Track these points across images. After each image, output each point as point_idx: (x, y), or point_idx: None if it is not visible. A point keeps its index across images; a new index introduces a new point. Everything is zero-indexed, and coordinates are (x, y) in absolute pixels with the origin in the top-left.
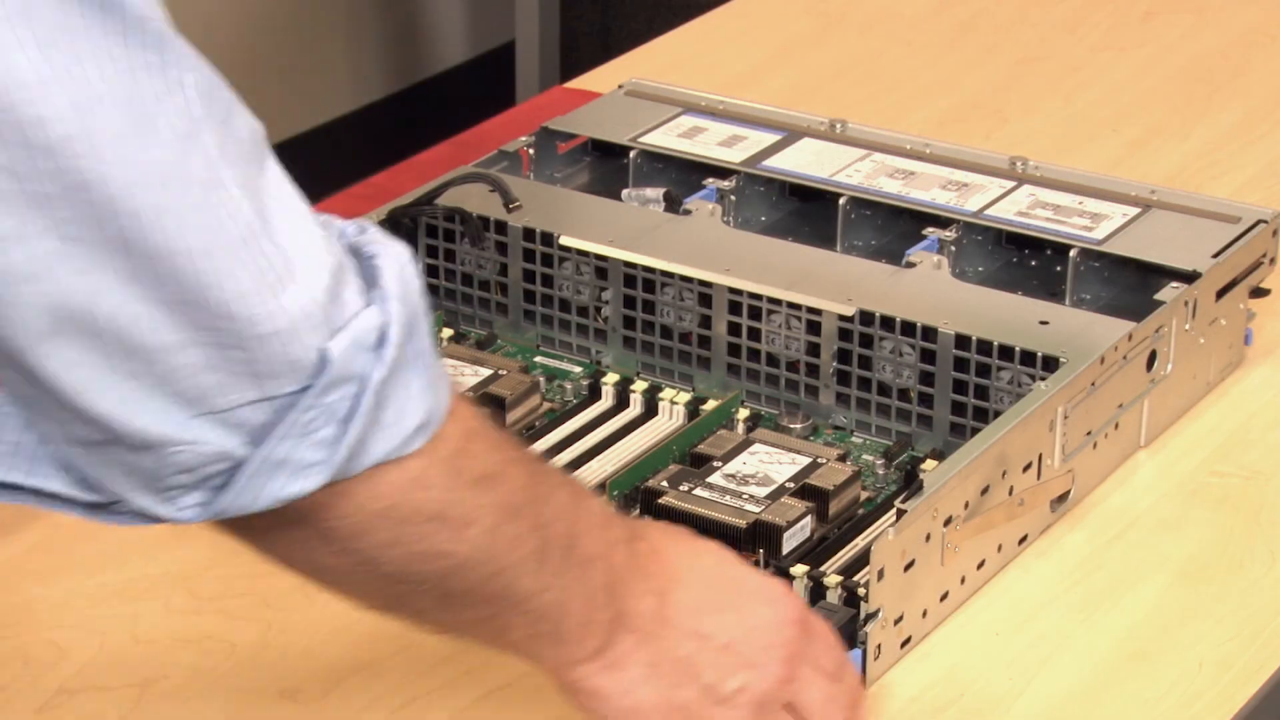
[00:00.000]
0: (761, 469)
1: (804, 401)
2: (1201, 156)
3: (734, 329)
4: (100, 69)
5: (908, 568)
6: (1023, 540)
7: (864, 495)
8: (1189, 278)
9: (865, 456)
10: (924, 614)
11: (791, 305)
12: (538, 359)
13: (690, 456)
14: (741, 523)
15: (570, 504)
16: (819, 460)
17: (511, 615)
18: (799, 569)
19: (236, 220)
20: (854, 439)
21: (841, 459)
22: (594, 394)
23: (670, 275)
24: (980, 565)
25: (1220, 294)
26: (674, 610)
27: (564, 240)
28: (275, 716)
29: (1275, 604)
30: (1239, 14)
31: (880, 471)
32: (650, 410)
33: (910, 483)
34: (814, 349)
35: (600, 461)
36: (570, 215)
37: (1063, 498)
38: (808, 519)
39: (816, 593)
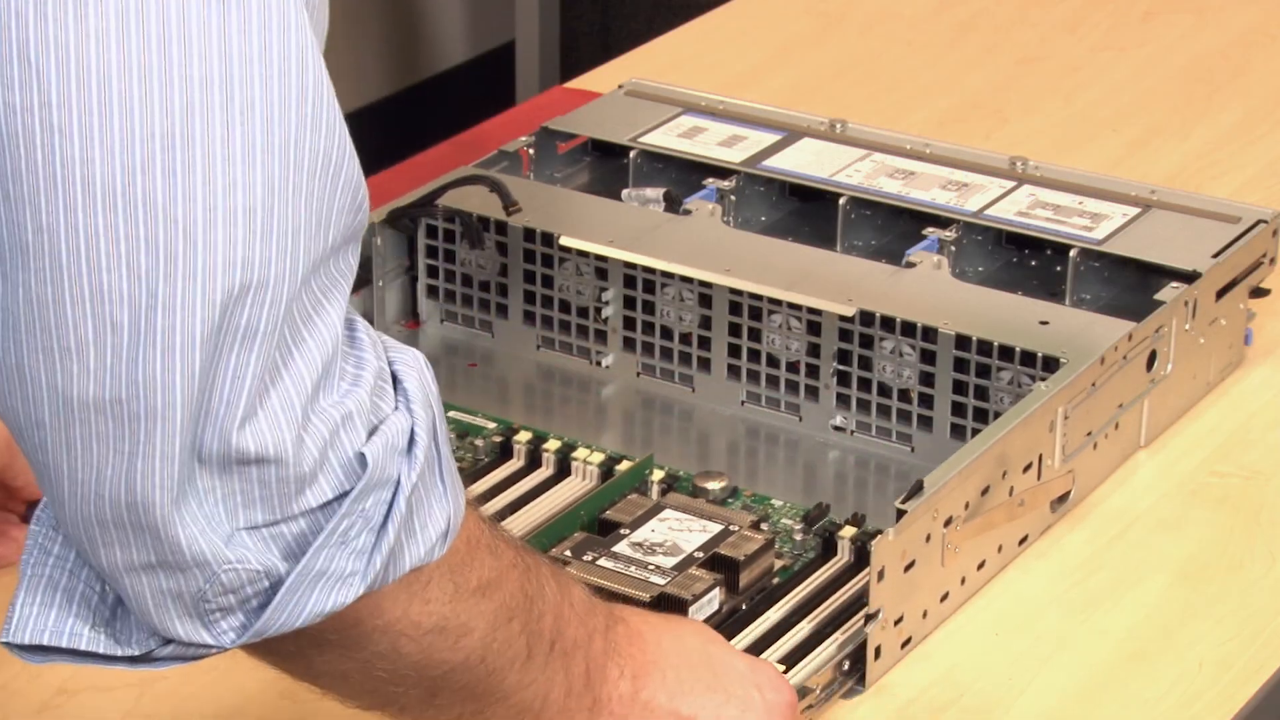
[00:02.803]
0: (670, 537)
1: (804, 402)
2: (1201, 156)
3: (734, 329)
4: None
5: (908, 568)
6: (1023, 540)
7: (779, 564)
8: (1189, 278)
9: (784, 521)
10: (924, 614)
11: (791, 305)
12: (451, 413)
13: (598, 523)
14: (646, 596)
15: (556, 597)
16: (731, 527)
17: (496, 709)
18: None
19: (324, 332)
20: (773, 502)
21: (756, 525)
22: (505, 453)
23: (670, 275)
24: (980, 565)
25: (1220, 294)
26: (650, 693)
27: (564, 240)
28: (275, 716)
29: (1275, 604)
30: (1239, 14)
31: (798, 537)
32: (562, 470)
33: (829, 549)
34: (814, 349)
35: (509, 525)
36: (570, 215)
37: (1063, 498)
38: (716, 591)
39: None
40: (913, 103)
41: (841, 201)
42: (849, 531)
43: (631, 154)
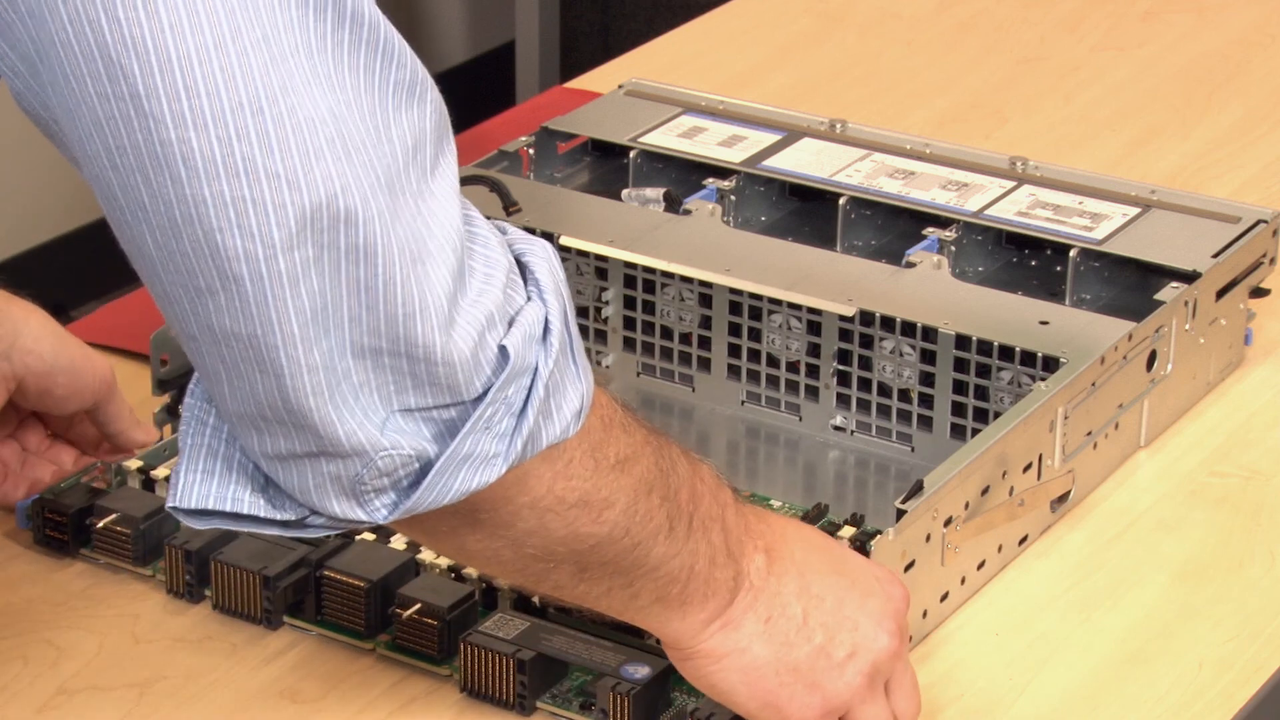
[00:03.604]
0: None
1: (804, 402)
2: (1201, 156)
3: (734, 329)
4: (355, 80)
5: (908, 568)
6: (1023, 540)
7: None
8: (1189, 278)
9: None
10: (924, 614)
11: (791, 305)
12: None
13: None
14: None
15: (689, 472)
16: None
17: (644, 582)
18: None
19: (446, 228)
20: (772, 503)
21: None
22: None
23: (670, 275)
24: (980, 565)
25: (1220, 294)
26: (782, 566)
27: (564, 240)
28: (275, 716)
29: (1275, 604)
30: (1239, 14)
31: None
32: None
33: None
34: (814, 349)
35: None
36: (570, 215)
37: (1063, 498)
38: None
39: None
40: (912, 103)
41: (841, 201)
42: (848, 532)
43: (631, 154)
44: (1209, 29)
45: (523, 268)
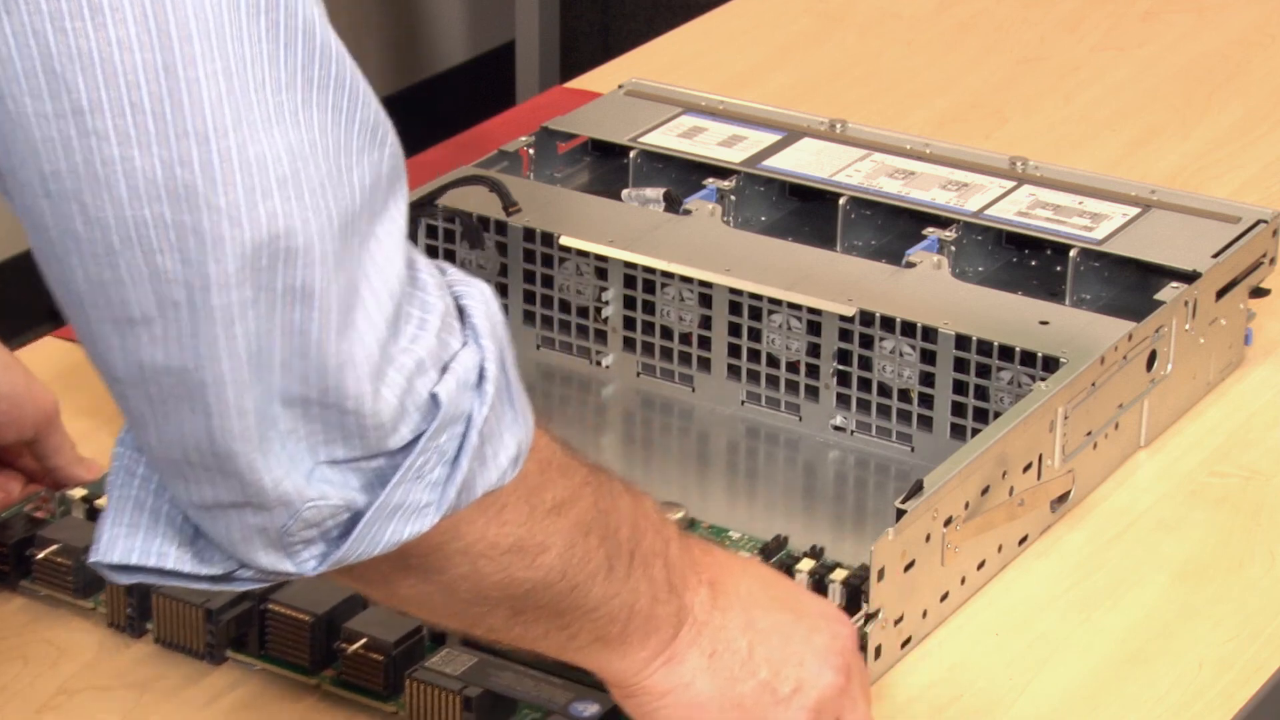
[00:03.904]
0: None
1: (804, 402)
2: (1201, 156)
3: (734, 329)
4: (321, 120)
5: (908, 568)
6: (1023, 540)
7: None
8: (1189, 278)
9: (741, 554)
10: (924, 614)
11: (791, 305)
12: None
13: None
14: None
15: (631, 507)
16: None
17: (582, 623)
18: None
19: (388, 274)
20: (730, 534)
21: None
22: None
23: (670, 275)
24: (980, 565)
25: (1220, 294)
26: (727, 600)
27: (564, 240)
28: (275, 716)
29: (1275, 604)
30: (1239, 14)
31: None
32: None
33: None
34: (814, 349)
35: None
36: (570, 215)
37: (1063, 498)
38: None
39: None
40: (912, 103)
41: (841, 201)
42: (807, 565)
43: (631, 154)
44: (1209, 29)
45: (461, 311)
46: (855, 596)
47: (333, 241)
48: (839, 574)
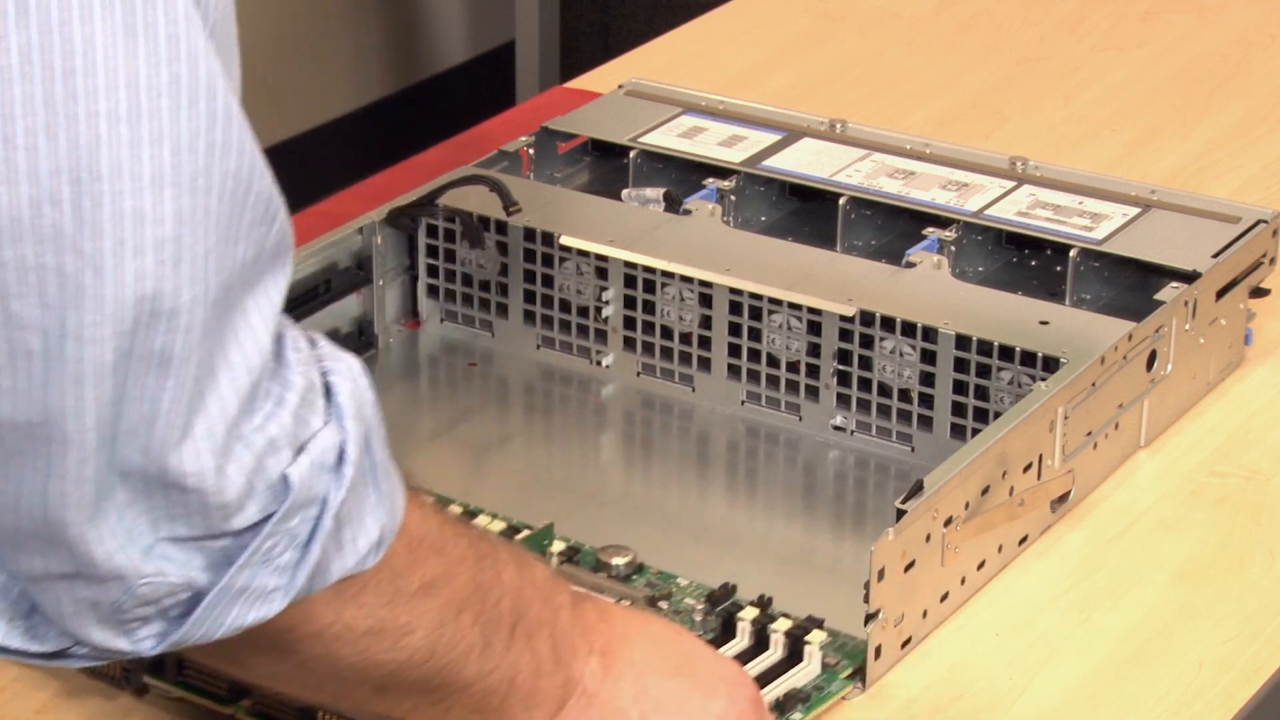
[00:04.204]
0: None
1: (804, 402)
2: (1201, 156)
3: (734, 329)
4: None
5: (908, 568)
6: (1023, 540)
7: None
8: (1189, 278)
9: (686, 600)
10: (924, 614)
11: (791, 305)
12: None
13: None
14: None
15: (516, 578)
16: (622, 603)
17: (455, 699)
18: None
19: (250, 349)
20: (678, 580)
21: (653, 603)
22: None
23: (670, 275)
24: (980, 565)
25: (1220, 294)
26: (620, 668)
27: (564, 240)
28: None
29: (1275, 604)
30: (1239, 14)
31: (698, 618)
32: None
33: (728, 632)
34: (814, 349)
35: None
36: (570, 215)
37: (1063, 498)
38: None
39: None
40: (912, 103)
41: (841, 201)
42: (750, 613)
43: (631, 154)
44: (1209, 29)
45: (327, 389)
46: (797, 648)
47: (204, 313)
48: (782, 624)
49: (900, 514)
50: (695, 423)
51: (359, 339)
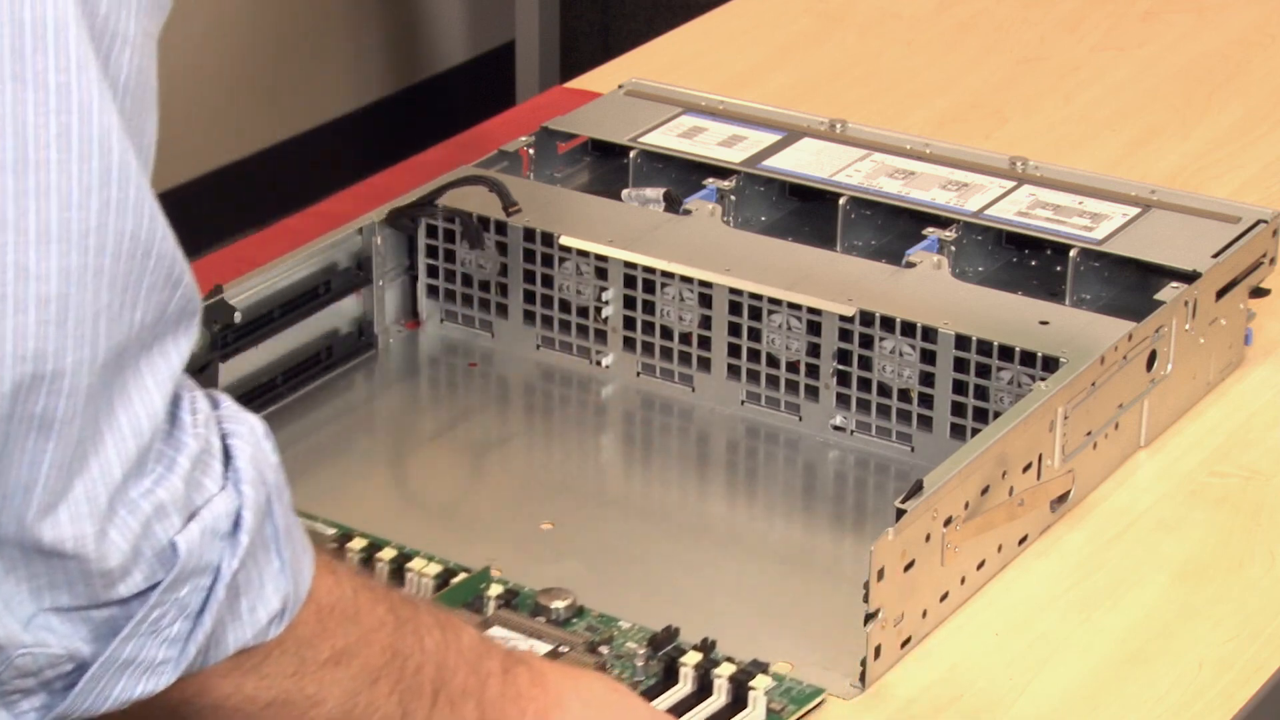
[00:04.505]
0: None
1: (804, 401)
2: (1201, 156)
3: (734, 329)
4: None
5: (908, 568)
6: (1023, 540)
7: None
8: (1189, 278)
9: (628, 644)
10: (924, 614)
11: (791, 305)
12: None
13: None
14: None
15: (440, 645)
16: (561, 649)
17: None
18: None
19: (140, 414)
20: (619, 624)
21: (593, 648)
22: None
23: (670, 275)
24: (980, 565)
25: (1220, 294)
26: None
27: (564, 240)
28: None
29: (1275, 604)
30: (1239, 14)
31: (640, 663)
32: (397, 580)
33: (670, 677)
34: (814, 349)
35: None
36: (570, 215)
37: (1063, 498)
38: None
39: None
40: (913, 103)
41: (841, 201)
42: (693, 658)
43: (631, 154)
44: (1209, 29)
45: (227, 452)
46: (742, 693)
47: (90, 376)
48: (725, 669)
49: (900, 514)
50: (695, 423)
51: (359, 339)
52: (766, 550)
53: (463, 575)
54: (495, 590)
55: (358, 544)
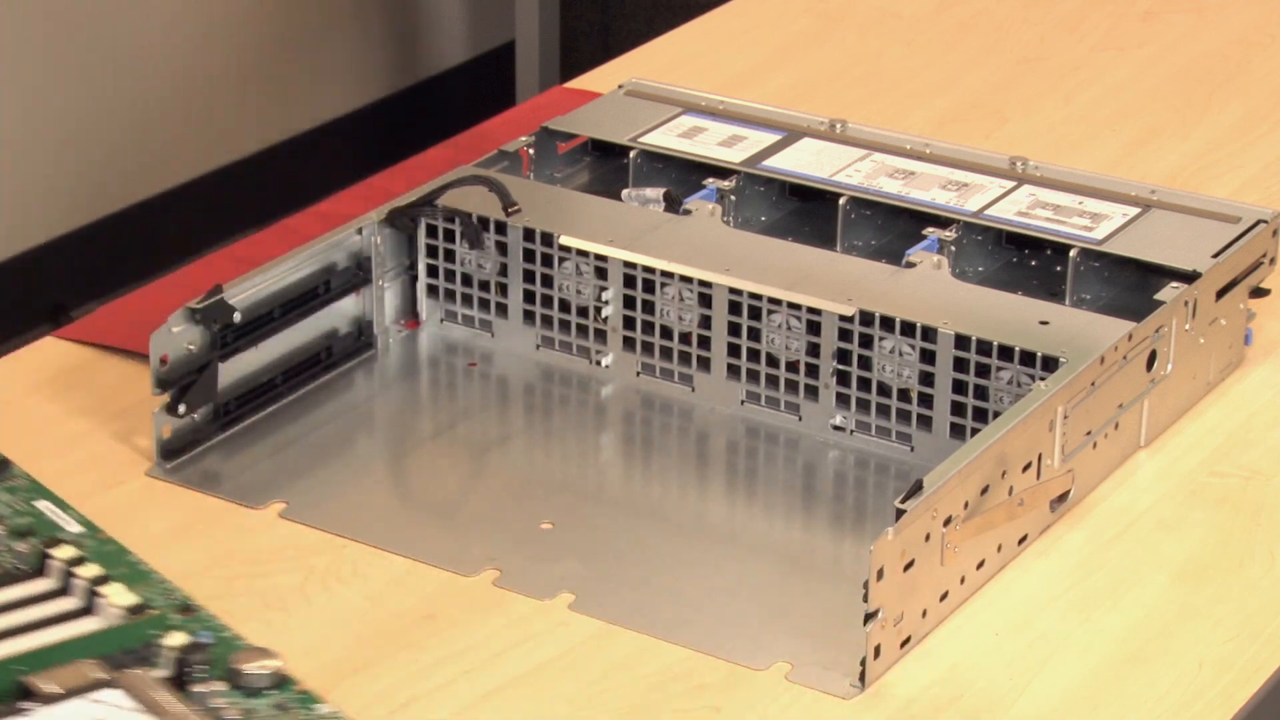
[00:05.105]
0: None
1: (804, 401)
2: (1201, 156)
3: (734, 329)
4: None
5: (907, 568)
6: (1023, 540)
7: None
8: (1189, 278)
9: None
10: (924, 614)
11: (791, 305)
12: (41, 503)
13: (18, 686)
14: None
15: None
16: None
17: None
18: None
19: None
20: (319, 709)
21: None
22: (40, 569)
23: (670, 275)
24: (980, 565)
25: (1220, 294)
26: None
27: (564, 240)
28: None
29: (1275, 604)
30: (1239, 14)
31: None
32: (88, 606)
33: None
34: (814, 349)
35: None
36: (570, 215)
37: (1063, 498)
38: None
39: None
40: (913, 103)
41: (841, 201)
42: None
43: (631, 154)
44: (1209, 29)
45: None
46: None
47: None
48: None
49: (900, 514)
50: (695, 423)
51: (358, 339)
52: (766, 550)
53: (153, 612)
54: (179, 640)
55: (65, 552)
